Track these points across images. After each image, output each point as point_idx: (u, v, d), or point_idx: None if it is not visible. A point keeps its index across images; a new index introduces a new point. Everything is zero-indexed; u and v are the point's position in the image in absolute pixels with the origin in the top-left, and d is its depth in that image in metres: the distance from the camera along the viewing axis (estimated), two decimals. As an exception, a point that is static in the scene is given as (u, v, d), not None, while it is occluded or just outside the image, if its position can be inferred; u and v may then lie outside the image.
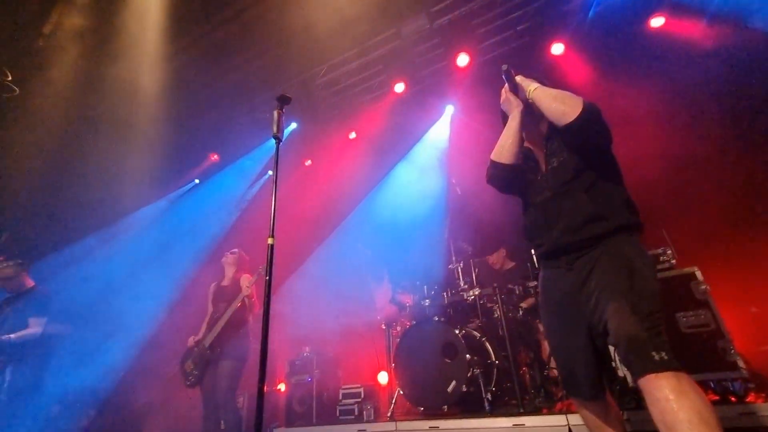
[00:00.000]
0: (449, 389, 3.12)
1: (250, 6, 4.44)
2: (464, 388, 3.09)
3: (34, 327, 3.33)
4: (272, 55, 5.18)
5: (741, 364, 2.34)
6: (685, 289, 2.63)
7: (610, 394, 1.71)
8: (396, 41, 5.19)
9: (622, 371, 2.89)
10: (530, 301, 3.62)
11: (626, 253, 1.50)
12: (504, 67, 1.78)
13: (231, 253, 3.78)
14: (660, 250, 2.83)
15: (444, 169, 5.37)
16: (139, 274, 5.52)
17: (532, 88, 1.72)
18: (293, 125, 6.26)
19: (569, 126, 1.53)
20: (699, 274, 2.63)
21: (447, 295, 3.71)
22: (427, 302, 3.69)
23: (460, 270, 3.72)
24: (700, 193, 3.82)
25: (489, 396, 3.05)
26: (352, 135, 6.20)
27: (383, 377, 4.55)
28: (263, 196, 6.76)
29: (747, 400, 2.27)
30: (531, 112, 1.78)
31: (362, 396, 3.82)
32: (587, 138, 1.59)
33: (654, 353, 1.26)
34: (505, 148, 1.77)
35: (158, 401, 5.14)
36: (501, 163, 1.78)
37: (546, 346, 3.44)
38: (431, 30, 5.00)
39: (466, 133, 5.54)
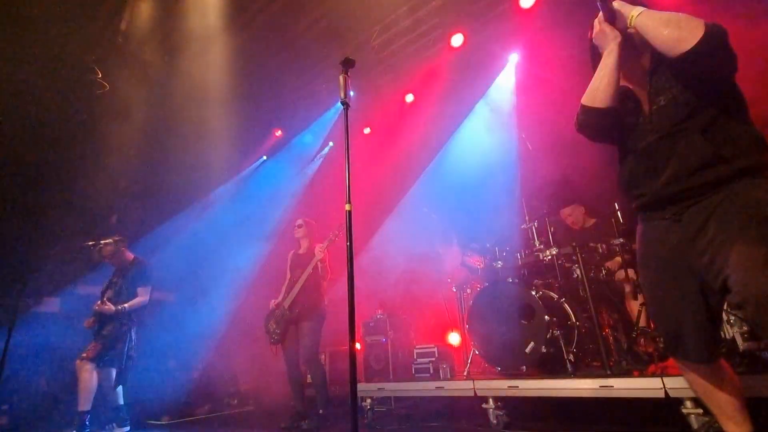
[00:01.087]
0: (527, 350, 3.07)
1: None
2: (544, 350, 3.01)
3: (142, 295, 3.83)
4: (323, 25, 5.12)
5: None
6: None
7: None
8: (451, -13, 4.82)
9: (729, 332, 2.61)
10: (616, 260, 3.36)
11: (756, 197, 1.26)
12: None
13: (298, 226, 3.97)
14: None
15: (512, 125, 5.03)
16: (223, 248, 6.07)
17: (635, 13, 1.44)
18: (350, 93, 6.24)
19: (689, 54, 1.26)
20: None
21: (521, 255, 3.57)
22: (499, 264, 3.59)
23: (534, 229, 3.54)
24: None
25: (571, 357, 2.95)
26: (410, 97, 6.01)
27: (455, 338, 4.62)
28: (327, 166, 6.95)
29: None
30: (632, 45, 1.51)
31: (436, 355, 3.92)
32: (710, 67, 1.31)
33: None
34: (600, 89, 1.53)
35: (248, 358, 5.76)
36: (595, 108, 1.53)
37: (633, 308, 3.20)
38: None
39: (533, 84, 5.10)
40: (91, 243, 3.91)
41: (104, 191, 5.27)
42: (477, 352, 3.41)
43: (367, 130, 6.72)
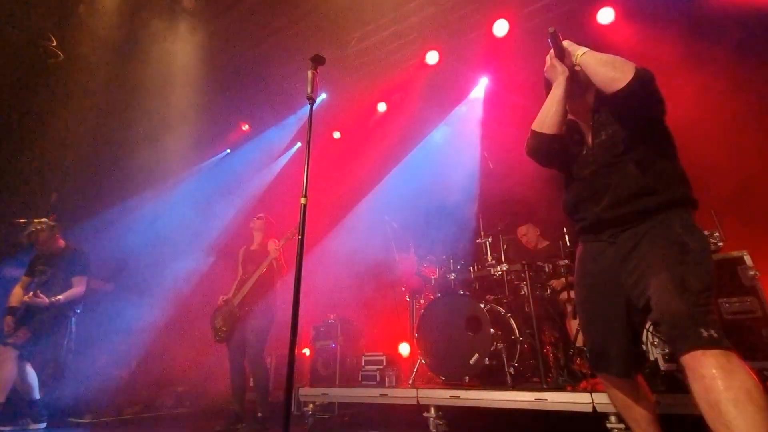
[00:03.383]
0: (471, 361, 3.14)
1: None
2: (487, 361, 3.09)
3: (78, 285, 3.52)
4: (305, 23, 5.09)
5: (788, 353, 2.22)
6: (731, 274, 2.49)
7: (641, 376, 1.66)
8: (430, 8, 4.98)
9: (653, 354, 2.82)
10: (561, 281, 3.53)
11: (677, 228, 1.41)
12: (551, 29, 1.65)
13: (258, 219, 3.87)
14: (707, 232, 2.67)
15: (477, 143, 5.22)
16: (174, 238, 5.77)
17: (580, 52, 1.61)
18: (323, 96, 6.21)
19: (620, 92, 1.42)
20: (748, 259, 2.49)
21: (473, 269, 3.67)
22: (452, 276, 3.67)
23: (488, 245, 3.67)
24: (754, 173, 3.54)
25: (512, 371, 3.05)
26: (382, 106, 6.09)
27: (405, 348, 4.64)
28: (292, 166, 6.83)
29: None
30: (577, 81, 1.66)
31: (384, 363, 3.91)
32: (639, 106, 1.48)
33: (702, 330, 1.19)
34: (547, 117, 1.67)
35: (189, 356, 5.47)
36: (543, 134, 1.67)
37: (572, 328, 3.37)
38: (469, -5, 4.76)
39: (500, 106, 5.34)
40: (22, 221, 3.56)
41: (48, 164, 4.87)
42: (423, 362, 3.45)
43: (337, 134, 6.72)
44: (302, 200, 1.63)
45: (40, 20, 4.56)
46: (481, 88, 5.72)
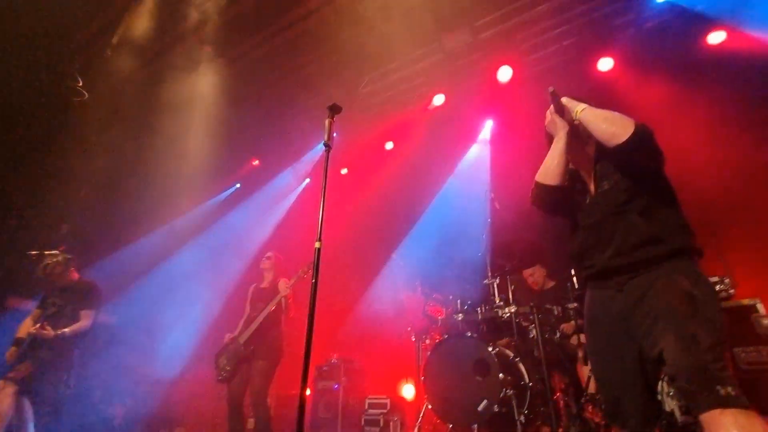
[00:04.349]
0: (480, 408, 3.04)
1: (301, 18, 4.63)
2: (496, 408, 2.99)
3: (85, 319, 3.46)
4: (317, 66, 5.36)
5: (810, 409, 2.14)
6: (746, 322, 2.45)
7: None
8: (438, 54, 5.23)
9: (669, 405, 2.72)
10: (571, 324, 3.48)
11: (685, 277, 1.42)
12: (550, 89, 1.74)
13: (267, 258, 3.88)
14: (717, 279, 2.66)
15: (484, 184, 5.30)
16: (186, 278, 5.74)
17: (579, 109, 1.67)
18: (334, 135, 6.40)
19: (620, 147, 1.49)
20: (761, 307, 2.45)
21: (481, 310, 3.63)
22: (459, 317, 3.63)
23: (495, 286, 3.64)
24: (763, 218, 3.55)
25: (522, 419, 2.94)
26: (389, 145, 6.25)
27: (409, 391, 4.50)
28: (302, 202, 6.93)
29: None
30: (577, 135, 1.74)
31: (388, 407, 3.80)
32: (639, 160, 1.56)
33: (720, 387, 1.18)
34: (550, 169, 1.75)
35: (187, 396, 5.30)
36: (546, 185, 1.75)
37: (583, 373, 3.28)
38: (474, 44, 5.01)
39: (506, 148, 5.47)
40: (34, 254, 3.59)
41: (63, 199, 4.99)
42: (430, 407, 3.34)
43: (344, 171, 6.86)
44: (317, 244, 1.66)
45: (68, 61, 4.85)
46: (487, 130, 5.89)
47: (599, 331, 1.64)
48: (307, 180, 7.09)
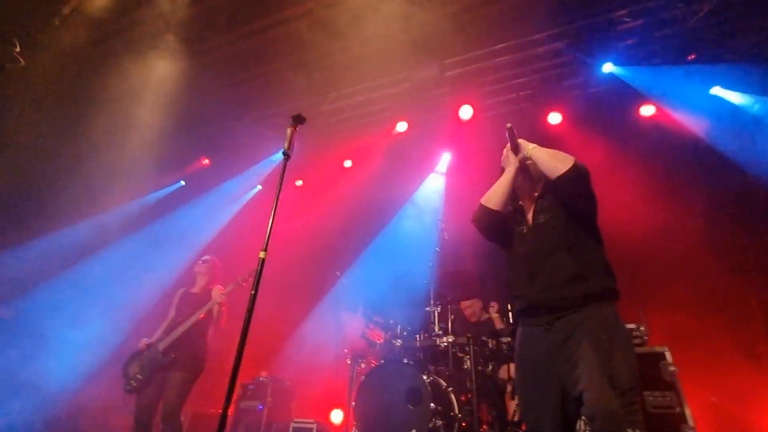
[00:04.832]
0: (409, 439, 3.00)
1: (276, 24, 4.56)
2: (424, 440, 2.96)
3: None
4: (285, 75, 5.29)
5: (702, 452, 2.35)
6: (655, 368, 2.68)
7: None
8: (405, 84, 5.40)
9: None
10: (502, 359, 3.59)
11: (607, 322, 1.55)
12: (508, 125, 1.93)
13: (203, 262, 3.63)
14: (634, 326, 2.90)
15: (436, 213, 5.43)
16: (110, 278, 5.17)
17: (531, 147, 1.89)
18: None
19: (561, 177, 1.70)
20: (669, 355, 2.70)
21: (420, 338, 3.64)
22: (398, 342, 3.61)
23: (437, 314, 3.68)
24: (677, 273, 3.98)
25: (447, 451, 2.94)
26: (348, 163, 6.27)
27: (337, 416, 4.34)
28: (249, 210, 6.64)
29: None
30: (528, 172, 1.93)
31: (315, 432, 3.62)
32: (575, 194, 1.73)
33: (630, 430, 1.27)
34: (495, 194, 1.92)
35: (91, 410, 4.69)
36: (488, 208, 1.91)
37: (510, 406, 3.38)
38: (441, 79, 5.25)
39: (460, 181, 5.70)
40: None
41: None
42: (358, 434, 3.24)
43: (299, 182, 6.74)
44: (261, 254, 1.58)
45: (7, 22, 4.36)
46: (444, 162, 6.11)
47: (527, 369, 1.73)
48: (258, 187, 6.85)
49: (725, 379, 3.64)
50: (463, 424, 3.30)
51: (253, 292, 1.51)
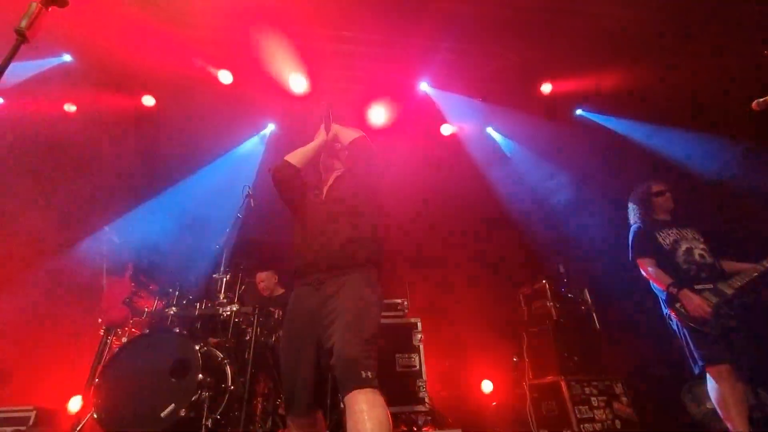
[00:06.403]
0: (163, 414, 2.67)
1: None
2: (183, 413, 2.70)
3: None
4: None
5: (426, 400, 2.94)
6: (408, 335, 3.21)
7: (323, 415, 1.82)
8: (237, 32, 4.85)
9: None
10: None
11: (369, 285, 1.73)
12: (326, 102, 2.13)
13: None
14: (399, 300, 3.40)
15: (247, 180, 5.07)
16: None
17: (338, 126, 2.15)
18: (66, 57, 4.76)
19: (353, 141, 2.03)
20: (419, 325, 3.27)
21: (200, 306, 3.32)
22: (173, 310, 3.19)
23: (224, 282, 3.42)
24: (436, 260, 4.89)
25: (209, 423, 2.76)
26: (150, 101, 5.18)
27: (76, 399, 3.53)
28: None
29: (424, 429, 2.84)
30: (334, 152, 2.16)
31: (31, 422, 2.84)
32: (362, 154, 2.03)
33: (362, 372, 1.43)
34: (298, 154, 2.07)
35: None
36: (290, 163, 2.03)
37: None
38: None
39: (277, 154, 5.50)
40: None
41: None
42: (95, 416, 2.69)
43: (72, 107, 5.15)
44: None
45: None
46: (268, 130, 5.80)
47: (292, 326, 1.80)
48: None
49: (461, 348, 4.67)
50: (236, 395, 3.18)
51: None
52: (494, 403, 3.63)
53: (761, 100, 2.10)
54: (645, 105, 4.92)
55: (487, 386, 4.34)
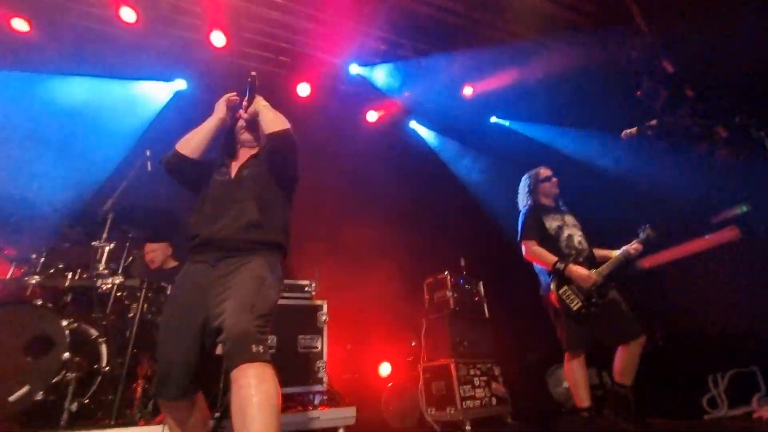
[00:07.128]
0: (12, 398, 2.28)
1: None
2: (40, 397, 2.35)
3: None
4: None
5: (325, 380, 2.97)
6: (313, 317, 3.18)
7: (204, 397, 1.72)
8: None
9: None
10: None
11: (268, 266, 1.66)
12: (252, 73, 1.90)
13: None
14: (308, 282, 3.35)
15: (148, 142, 4.45)
16: None
17: (263, 103, 1.92)
18: None
19: (273, 134, 1.80)
20: (325, 307, 3.27)
21: (73, 276, 2.87)
22: (35, 279, 2.71)
23: (107, 251, 2.99)
24: (350, 245, 4.92)
25: (74, 407, 2.44)
26: (23, 26, 4.26)
27: None
28: None
29: (320, 408, 2.86)
30: (255, 128, 1.96)
31: None
32: (281, 150, 1.84)
33: (254, 346, 1.36)
34: (193, 140, 1.87)
35: None
36: (184, 155, 1.85)
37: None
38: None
39: (187, 114, 4.95)
40: None
41: None
42: None
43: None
44: None
45: None
46: (177, 84, 5.19)
47: (176, 302, 1.67)
48: None
49: (365, 332, 4.77)
50: (109, 378, 2.85)
51: None
52: (390, 384, 3.80)
53: (628, 131, 2.51)
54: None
55: (385, 369, 4.54)
